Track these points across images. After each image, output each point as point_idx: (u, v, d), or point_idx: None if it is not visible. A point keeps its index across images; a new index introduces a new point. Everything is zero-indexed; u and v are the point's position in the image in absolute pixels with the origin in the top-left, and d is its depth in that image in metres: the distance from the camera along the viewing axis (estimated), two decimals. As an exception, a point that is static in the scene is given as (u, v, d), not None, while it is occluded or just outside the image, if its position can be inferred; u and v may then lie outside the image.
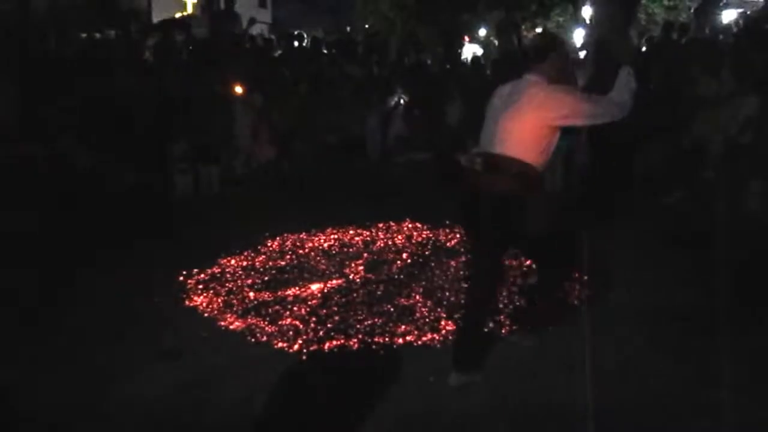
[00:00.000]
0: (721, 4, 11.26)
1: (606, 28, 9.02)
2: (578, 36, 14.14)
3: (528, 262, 4.96)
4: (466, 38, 15.99)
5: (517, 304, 4.25)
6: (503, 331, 3.90)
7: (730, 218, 4.95)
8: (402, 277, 4.77)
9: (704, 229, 5.03)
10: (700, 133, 6.23)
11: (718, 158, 5.63)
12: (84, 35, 9.24)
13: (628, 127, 7.23)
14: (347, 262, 5.08)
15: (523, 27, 14.03)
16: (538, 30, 17.75)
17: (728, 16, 10.81)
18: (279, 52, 10.05)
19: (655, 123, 7.01)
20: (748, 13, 10.91)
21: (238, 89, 8.51)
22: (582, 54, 10.21)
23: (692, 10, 13.22)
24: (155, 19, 14.30)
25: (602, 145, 7.07)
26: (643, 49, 10.18)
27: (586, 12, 12.32)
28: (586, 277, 4.57)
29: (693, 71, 7.00)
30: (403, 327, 3.93)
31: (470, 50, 14.26)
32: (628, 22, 11.23)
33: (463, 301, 3.85)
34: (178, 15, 15.46)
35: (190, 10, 18.17)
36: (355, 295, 4.46)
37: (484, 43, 16.32)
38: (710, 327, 3.78)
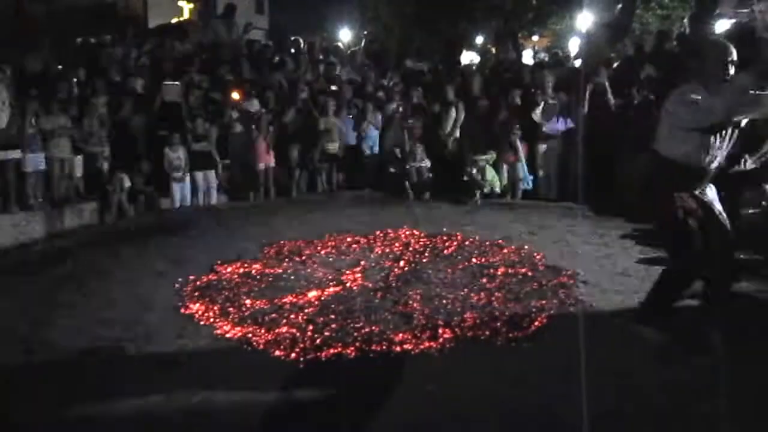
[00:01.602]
0: (714, 14, 11.31)
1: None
2: (573, 44, 14.20)
3: (525, 271, 5.01)
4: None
5: (513, 309, 4.26)
6: (501, 337, 3.90)
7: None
8: (400, 284, 4.77)
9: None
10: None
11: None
12: (79, 40, 9.23)
13: (622, 136, 7.34)
14: (345, 270, 5.08)
15: (519, 35, 14.08)
16: (535, 38, 17.89)
17: (721, 26, 10.86)
18: (277, 58, 10.05)
19: (650, 132, 7.03)
20: (743, 22, 10.97)
21: (236, 96, 8.51)
22: (577, 62, 10.25)
23: (686, 20, 13.30)
24: (151, 25, 14.33)
25: (598, 154, 7.13)
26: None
27: (581, 21, 12.37)
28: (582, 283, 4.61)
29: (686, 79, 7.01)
30: (401, 335, 3.92)
31: (467, 58, 14.29)
32: (623, 31, 11.30)
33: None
34: (174, 21, 15.45)
35: (186, 15, 18.18)
36: (352, 302, 4.44)
37: (481, 51, 16.36)
38: (708, 337, 3.80)
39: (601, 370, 3.41)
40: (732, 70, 3.58)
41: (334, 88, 9.15)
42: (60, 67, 8.42)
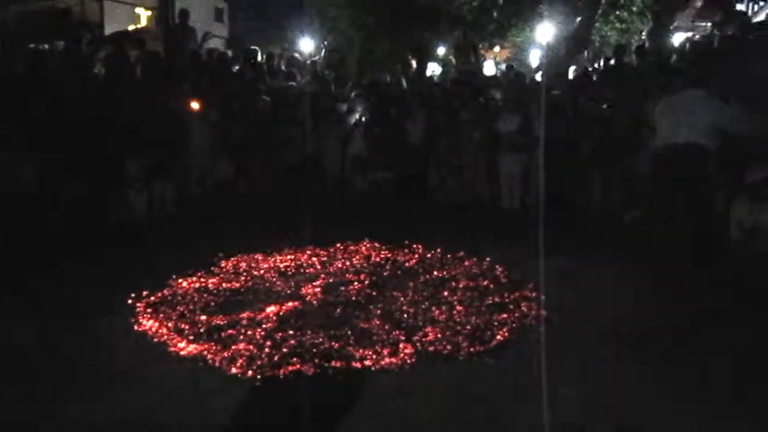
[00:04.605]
0: (671, 27, 11.61)
1: None
2: (534, 56, 14.40)
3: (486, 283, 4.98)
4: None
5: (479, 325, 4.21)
6: (463, 352, 3.84)
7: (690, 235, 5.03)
8: (360, 298, 4.68)
9: (664, 246, 5.09)
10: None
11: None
12: (32, 46, 8.96)
13: (585, 147, 7.43)
14: (304, 284, 4.97)
15: (480, 47, 14.19)
16: (496, 49, 18.08)
17: (678, 39, 11.15)
18: (236, 67, 9.92)
19: (611, 142, 7.13)
20: (696, 37, 11.26)
21: (194, 105, 8.35)
22: (538, 76, 10.36)
23: (644, 33, 13.61)
24: (108, 32, 14.06)
25: (559, 163, 7.17)
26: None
27: (542, 33, 12.55)
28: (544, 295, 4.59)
29: (647, 92, 7.16)
30: (361, 351, 3.84)
31: (429, 69, 14.36)
32: (583, 44, 11.50)
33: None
34: (131, 28, 15.19)
35: (144, 23, 17.91)
36: (311, 317, 4.34)
37: (443, 62, 16.47)
38: (672, 346, 3.85)
39: (564, 385, 3.39)
40: None
41: (293, 98, 9.05)
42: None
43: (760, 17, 12.42)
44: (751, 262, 4.97)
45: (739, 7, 12.13)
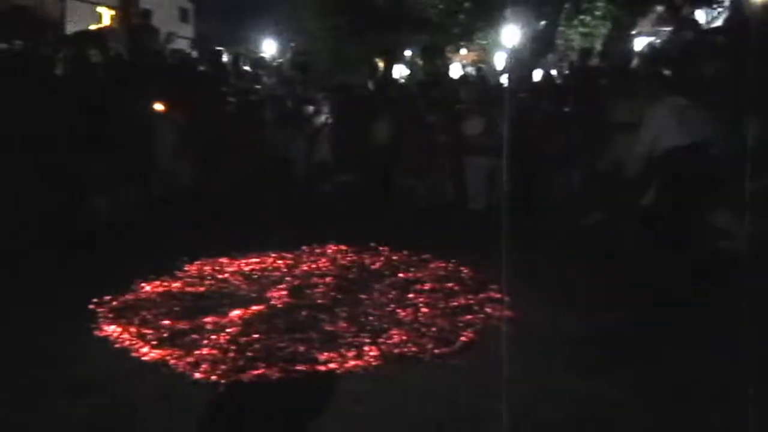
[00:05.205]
0: (633, 32, 11.84)
1: None
2: (499, 59, 14.52)
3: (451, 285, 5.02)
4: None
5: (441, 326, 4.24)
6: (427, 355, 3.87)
7: (649, 239, 5.12)
8: (326, 301, 4.69)
9: (622, 250, 5.18)
10: (617, 156, 6.44)
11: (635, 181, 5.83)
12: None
13: (548, 150, 7.53)
14: (269, 287, 4.96)
15: (447, 49, 14.29)
16: (462, 52, 18.22)
17: (640, 43, 11.35)
18: (202, 68, 9.82)
19: (573, 146, 7.23)
20: (657, 41, 11.47)
21: (160, 106, 8.24)
22: (504, 78, 10.45)
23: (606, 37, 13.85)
24: (69, 31, 13.76)
25: (524, 166, 7.26)
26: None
27: (507, 36, 12.68)
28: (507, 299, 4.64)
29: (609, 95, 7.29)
30: (326, 354, 3.83)
31: (396, 71, 14.40)
32: (547, 47, 11.66)
33: None
34: (93, 27, 14.90)
35: (106, 22, 17.61)
36: (277, 321, 4.33)
37: (410, 64, 16.52)
38: (627, 350, 3.91)
39: (531, 385, 3.42)
40: None
41: (260, 100, 9.00)
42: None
43: (717, 23, 12.71)
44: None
45: (698, 13, 12.41)
